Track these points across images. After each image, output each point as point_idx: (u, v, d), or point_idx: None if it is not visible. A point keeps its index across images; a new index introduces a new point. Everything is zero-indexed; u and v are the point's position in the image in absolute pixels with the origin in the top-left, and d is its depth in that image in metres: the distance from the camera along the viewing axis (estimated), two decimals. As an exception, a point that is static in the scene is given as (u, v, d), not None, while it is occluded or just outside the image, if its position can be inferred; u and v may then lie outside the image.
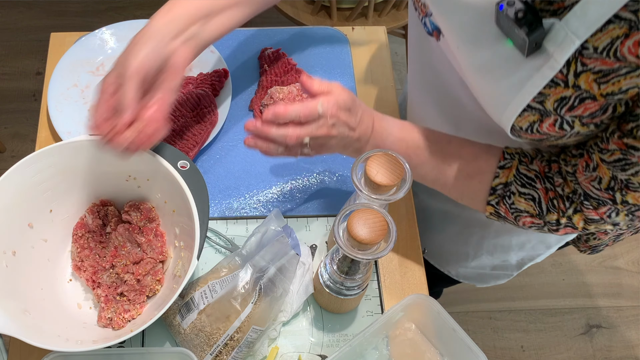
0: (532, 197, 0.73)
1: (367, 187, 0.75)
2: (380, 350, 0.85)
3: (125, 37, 1.08)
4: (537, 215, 0.73)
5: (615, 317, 1.90)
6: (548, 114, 0.64)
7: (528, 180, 0.73)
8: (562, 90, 0.61)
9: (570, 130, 0.65)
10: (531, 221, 0.74)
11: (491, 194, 0.75)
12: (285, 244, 0.80)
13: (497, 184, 0.75)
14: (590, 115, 0.62)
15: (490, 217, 0.78)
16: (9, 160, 2.04)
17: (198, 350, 0.79)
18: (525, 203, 0.73)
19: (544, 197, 0.72)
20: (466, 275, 1.23)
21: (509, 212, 0.75)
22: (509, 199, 0.74)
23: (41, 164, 0.82)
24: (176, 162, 0.82)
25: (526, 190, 0.73)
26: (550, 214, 0.72)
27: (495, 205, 0.76)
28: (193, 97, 0.99)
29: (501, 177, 0.75)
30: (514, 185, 0.74)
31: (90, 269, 0.84)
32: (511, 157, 0.75)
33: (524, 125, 0.67)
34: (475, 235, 1.07)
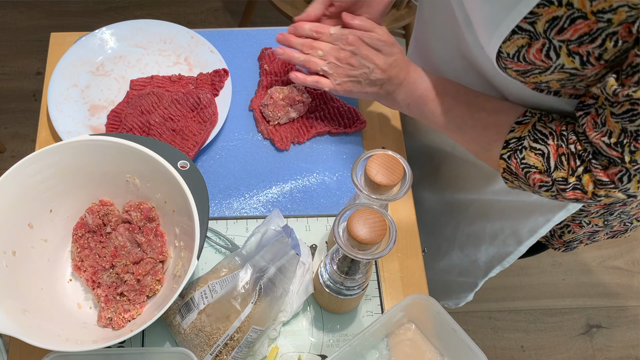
0: (542, 153, 0.73)
1: (367, 187, 0.75)
2: (380, 350, 0.85)
3: (125, 37, 1.09)
4: (545, 171, 0.72)
5: (615, 317, 1.89)
6: (537, 37, 0.64)
7: (541, 135, 0.73)
8: (555, 10, 0.61)
9: (555, 60, 0.65)
10: (540, 179, 0.73)
11: (504, 147, 0.76)
12: (285, 244, 0.80)
13: (510, 138, 0.75)
14: (578, 40, 0.62)
15: (504, 175, 0.77)
16: (9, 160, 2.04)
17: (198, 350, 0.79)
18: (535, 158, 0.73)
19: (553, 153, 0.72)
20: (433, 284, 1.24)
21: (520, 168, 0.74)
22: (520, 153, 0.74)
23: (41, 164, 0.82)
24: (176, 162, 0.82)
25: (537, 145, 0.73)
26: (557, 171, 0.72)
27: (507, 159, 0.75)
28: (193, 97, 0.99)
29: (516, 131, 0.75)
30: (526, 140, 0.74)
31: (90, 269, 0.84)
32: (532, 115, 0.75)
33: (511, 50, 0.67)
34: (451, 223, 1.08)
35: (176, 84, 1.04)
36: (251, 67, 1.10)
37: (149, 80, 1.04)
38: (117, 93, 1.04)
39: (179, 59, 1.09)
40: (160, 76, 1.05)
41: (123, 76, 1.06)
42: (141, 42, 1.10)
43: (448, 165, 1.04)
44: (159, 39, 1.10)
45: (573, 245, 1.03)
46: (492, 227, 1.04)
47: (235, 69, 1.08)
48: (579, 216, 0.95)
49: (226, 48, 1.11)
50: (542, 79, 0.69)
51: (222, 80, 1.04)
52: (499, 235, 1.04)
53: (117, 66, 1.07)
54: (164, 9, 2.38)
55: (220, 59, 1.07)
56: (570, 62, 0.64)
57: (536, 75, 0.69)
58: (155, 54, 1.09)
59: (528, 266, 1.96)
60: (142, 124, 0.97)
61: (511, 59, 0.68)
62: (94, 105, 1.03)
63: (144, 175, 0.86)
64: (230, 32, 1.14)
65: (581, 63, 0.64)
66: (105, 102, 1.03)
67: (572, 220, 0.97)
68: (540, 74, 0.68)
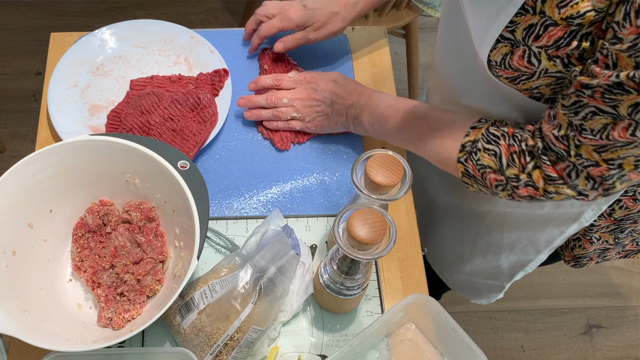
0: (494, 152, 0.76)
1: (367, 187, 0.75)
2: (380, 350, 0.85)
3: (125, 37, 1.09)
4: (498, 170, 0.75)
5: (615, 317, 1.89)
6: (517, 44, 0.67)
7: (494, 137, 0.76)
8: (530, 18, 0.64)
9: (537, 65, 0.67)
10: (495, 178, 0.76)
11: (461, 150, 0.79)
12: (285, 244, 0.80)
13: (466, 142, 0.79)
14: (555, 45, 0.64)
15: (464, 179, 0.80)
16: (9, 160, 2.04)
17: (198, 350, 0.79)
18: (489, 158, 0.76)
19: (505, 152, 0.75)
20: (461, 284, 1.24)
21: (476, 169, 0.77)
22: (475, 155, 0.77)
23: (41, 164, 0.82)
24: (176, 162, 0.82)
25: (490, 146, 0.76)
26: (509, 168, 0.74)
27: (464, 162, 0.79)
28: (193, 97, 0.99)
29: (471, 135, 0.78)
30: (480, 142, 0.77)
31: (90, 269, 0.84)
32: (485, 121, 0.79)
33: (498, 58, 0.70)
34: (471, 230, 1.08)
35: (176, 84, 1.04)
36: (251, 67, 1.10)
37: (149, 80, 1.04)
38: (117, 93, 1.05)
39: (179, 59, 1.09)
40: (160, 76, 1.05)
41: (123, 76, 1.06)
42: (141, 42, 1.10)
43: None
44: (159, 39, 1.10)
45: (583, 262, 1.03)
46: (509, 237, 1.04)
47: (235, 69, 1.08)
48: (590, 232, 0.95)
49: (226, 48, 1.11)
50: (532, 85, 0.71)
51: (222, 80, 1.04)
52: (516, 245, 1.05)
53: (117, 66, 1.07)
54: (164, 9, 2.38)
55: (220, 59, 1.07)
56: (553, 66, 0.66)
57: (525, 82, 0.71)
58: (155, 54, 1.09)
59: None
60: (142, 124, 0.97)
61: (499, 66, 0.71)
62: (94, 105, 1.03)
63: (144, 175, 0.86)
64: (230, 32, 1.14)
65: (563, 65, 0.65)
66: (105, 102, 1.03)
67: (583, 235, 0.97)
68: (528, 80, 0.70)
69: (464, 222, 1.10)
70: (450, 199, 1.10)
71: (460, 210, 1.09)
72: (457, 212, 1.10)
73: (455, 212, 1.10)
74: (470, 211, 1.06)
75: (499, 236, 1.05)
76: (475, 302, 1.29)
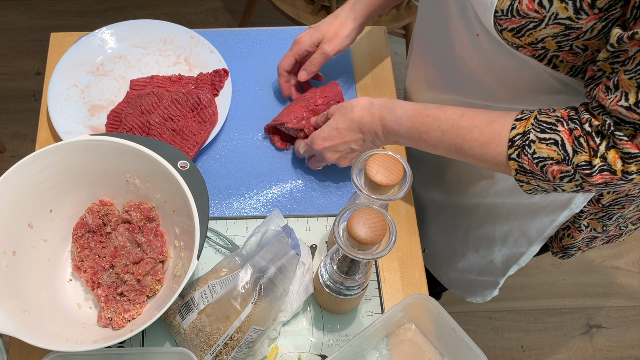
0: (554, 141, 0.68)
1: (367, 187, 0.75)
2: (380, 350, 0.85)
3: (125, 37, 1.09)
4: (564, 160, 0.67)
5: (615, 317, 1.89)
6: None
7: (548, 125, 0.68)
8: None
9: (548, 9, 0.64)
10: (559, 169, 0.68)
11: (510, 146, 0.71)
12: (285, 244, 0.80)
13: (514, 135, 0.71)
14: None
15: (518, 177, 0.72)
16: (9, 160, 2.04)
17: (198, 350, 0.79)
18: (548, 148, 0.68)
19: (567, 138, 0.67)
20: (456, 282, 1.24)
21: (533, 164, 0.69)
22: (529, 148, 0.69)
23: (41, 164, 0.82)
24: (176, 162, 0.82)
25: (546, 135, 0.68)
26: (578, 155, 0.66)
27: (517, 158, 0.70)
28: (193, 97, 0.99)
29: (518, 127, 0.71)
30: (532, 133, 0.69)
31: (90, 269, 0.84)
32: (530, 111, 0.72)
33: (505, 5, 0.67)
34: (462, 225, 1.09)
35: (176, 84, 1.04)
36: (251, 67, 1.10)
37: (149, 80, 1.04)
38: (117, 93, 1.05)
39: (179, 59, 1.09)
40: (160, 76, 1.05)
41: (123, 76, 1.06)
42: (141, 42, 1.10)
43: (452, 169, 1.05)
44: (159, 39, 1.10)
45: (570, 252, 1.03)
46: (500, 230, 1.04)
47: (235, 69, 1.08)
48: (579, 219, 0.95)
49: (226, 48, 1.11)
50: (537, 36, 0.67)
51: (222, 80, 1.04)
52: (509, 237, 1.04)
53: (117, 66, 1.07)
54: (164, 9, 2.38)
55: (220, 59, 1.07)
56: (564, 10, 0.63)
57: (531, 32, 0.67)
58: (155, 54, 1.09)
59: (528, 266, 1.94)
60: (142, 124, 0.97)
61: (505, 15, 0.67)
62: (94, 105, 1.03)
63: (144, 175, 0.86)
64: (230, 32, 1.14)
65: (575, 11, 0.62)
66: (105, 102, 1.03)
67: (572, 223, 0.97)
68: (535, 29, 0.66)
69: (454, 217, 1.09)
70: (437, 196, 1.10)
71: (450, 206, 1.08)
72: (447, 208, 1.10)
73: (444, 208, 1.10)
74: (460, 206, 1.06)
75: (490, 229, 1.05)
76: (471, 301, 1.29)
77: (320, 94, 0.99)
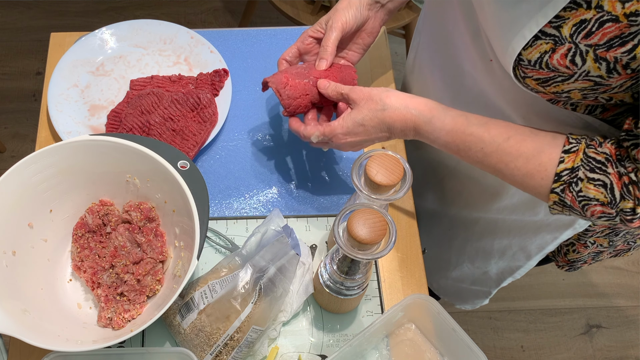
0: (602, 183, 0.65)
1: (367, 187, 0.75)
2: (380, 350, 0.85)
3: (125, 37, 1.09)
4: (609, 203, 0.65)
5: (615, 317, 1.89)
6: (562, 41, 0.61)
7: (598, 164, 0.66)
8: (584, 13, 0.58)
9: (580, 66, 0.62)
10: (601, 210, 0.66)
11: (556, 180, 0.68)
12: (285, 244, 0.80)
13: (562, 170, 0.67)
14: (608, 44, 0.59)
15: (553, 207, 0.70)
16: (9, 160, 2.04)
17: (198, 350, 0.79)
18: (595, 190, 0.66)
19: (617, 183, 0.65)
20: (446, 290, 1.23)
21: (576, 201, 0.67)
22: (575, 185, 0.67)
23: (41, 164, 0.82)
24: (176, 162, 0.82)
25: (596, 175, 0.66)
26: (624, 202, 0.65)
27: (560, 193, 0.68)
28: (193, 97, 0.99)
29: (567, 161, 0.67)
30: (581, 171, 0.66)
31: (90, 269, 0.84)
32: (577, 142, 0.68)
33: (533, 57, 0.64)
34: (459, 237, 1.07)
35: (176, 84, 1.04)
36: (251, 67, 1.10)
37: (149, 80, 1.04)
38: (117, 93, 1.05)
39: (179, 59, 1.09)
40: (160, 76, 1.05)
41: (123, 76, 1.06)
42: (141, 42, 1.10)
43: (452, 181, 1.03)
44: (159, 39, 1.10)
45: (577, 265, 1.01)
46: (499, 244, 1.02)
47: (235, 69, 1.08)
48: (585, 236, 0.93)
49: (226, 48, 1.11)
50: (564, 88, 0.66)
51: (222, 80, 1.04)
52: (507, 251, 1.03)
53: (117, 66, 1.07)
54: (164, 9, 2.38)
55: (220, 59, 1.07)
56: (596, 69, 0.61)
57: (558, 84, 0.65)
58: (155, 54, 1.09)
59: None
60: (142, 124, 0.97)
61: (532, 66, 0.65)
62: (94, 105, 1.03)
63: (144, 175, 0.86)
64: (230, 32, 1.14)
65: (607, 70, 0.61)
66: (105, 102, 1.03)
67: (577, 240, 0.95)
68: (563, 82, 0.65)
69: (451, 229, 1.07)
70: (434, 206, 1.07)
71: (447, 217, 1.06)
72: (443, 219, 1.08)
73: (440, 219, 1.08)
74: (458, 218, 1.04)
75: (489, 243, 1.03)
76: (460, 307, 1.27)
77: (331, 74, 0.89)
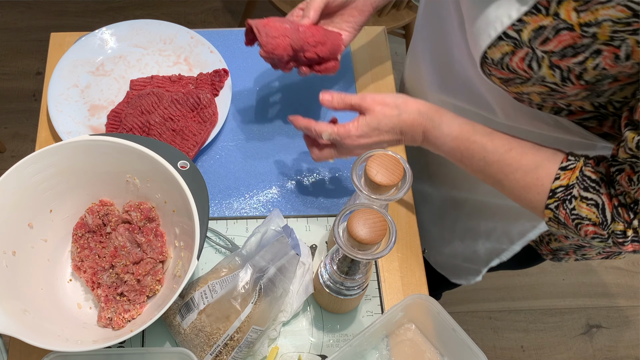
0: (594, 203, 0.66)
1: (367, 187, 0.75)
2: (380, 350, 0.85)
3: (125, 37, 1.09)
4: (600, 224, 0.66)
5: (615, 317, 1.89)
6: (521, 45, 0.64)
7: (592, 183, 0.66)
8: (542, 19, 0.61)
9: (536, 71, 0.64)
10: (593, 231, 0.67)
11: (550, 197, 0.69)
12: (285, 244, 0.80)
13: (557, 187, 0.68)
14: (561, 52, 0.61)
15: (550, 223, 0.71)
16: (9, 160, 2.04)
17: (198, 350, 0.79)
18: (587, 209, 0.66)
19: (608, 204, 0.65)
20: (442, 265, 1.26)
21: (569, 219, 0.68)
22: (569, 203, 0.67)
23: (41, 164, 0.82)
24: (176, 162, 0.82)
25: (589, 194, 0.66)
26: (615, 224, 0.65)
27: (554, 209, 0.69)
28: (193, 97, 0.99)
29: (562, 178, 0.68)
30: (575, 189, 0.67)
31: (90, 269, 0.84)
32: (576, 160, 0.69)
33: (496, 56, 0.67)
34: (450, 216, 1.10)
35: (176, 84, 1.04)
36: (251, 67, 1.09)
37: (149, 80, 1.04)
38: (117, 93, 1.05)
39: (179, 59, 1.09)
40: (160, 76, 1.05)
41: (123, 76, 1.06)
42: (141, 42, 1.10)
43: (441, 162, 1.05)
44: (159, 39, 1.10)
45: (560, 255, 1.02)
46: (486, 226, 1.05)
47: (235, 69, 1.08)
48: None
49: (226, 48, 1.11)
50: (524, 90, 0.68)
51: (222, 80, 1.04)
52: (492, 234, 1.05)
53: (117, 66, 1.07)
54: (164, 9, 2.38)
55: (220, 59, 1.07)
56: (551, 76, 0.63)
57: (518, 85, 0.68)
58: (155, 54, 1.09)
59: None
60: (142, 124, 0.97)
61: (495, 65, 0.68)
62: (94, 105, 1.03)
63: (144, 175, 0.86)
64: (230, 32, 1.14)
65: (561, 79, 0.63)
66: (105, 102, 1.03)
67: None
68: (522, 84, 0.67)
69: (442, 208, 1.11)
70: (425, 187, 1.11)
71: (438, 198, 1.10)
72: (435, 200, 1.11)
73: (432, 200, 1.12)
74: (449, 199, 1.07)
75: (476, 223, 1.06)
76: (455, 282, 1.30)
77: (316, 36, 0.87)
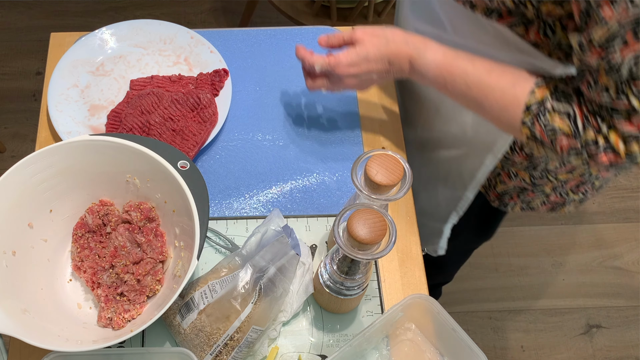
0: (567, 114, 0.68)
1: (367, 187, 0.75)
2: (380, 350, 0.85)
3: (125, 37, 1.09)
4: (573, 134, 0.68)
5: (615, 317, 1.89)
6: None
7: (565, 95, 0.69)
8: None
9: None
10: (568, 144, 0.69)
11: (525, 111, 0.71)
12: (285, 244, 0.80)
13: (531, 102, 0.71)
14: None
15: (528, 142, 0.74)
16: (9, 160, 2.04)
17: (198, 350, 0.79)
18: (560, 120, 0.68)
19: (579, 113, 0.67)
20: None
21: (544, 134, 0.70)
22: (543, 116, 0.70)
23: (41, 164, 0.82)
24: (176, 162, 0.82)
25: (562, 105, 0.68)
26: (587, 132, 0.67)
27: (530, 125, 0.71)
28: (193, 97, 0.99)
29: (537, 93, 0.71)
30: (549, 101, 0.69)
31: (90, 269, 0.84)
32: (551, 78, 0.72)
33: None
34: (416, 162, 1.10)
35: (176, 84, 1.04)
36: (251, 67, 1.10)
37: (149, 80, 1.04)
38: (117, 93, 1.05)
39: (179, 59, 1.09)
40: (160, 76, 1.05)
41: (123, 76, 1.06)
42: (141, 42, 1.10)
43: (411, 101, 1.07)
44: (159, 39, 1.10)
45: (505, 200, 1.04)
46: (442, 167, 1.06)
47: (235, 69, 1.08)
48: (507, 164, 0.96)
49: (226, 48, 1.11)
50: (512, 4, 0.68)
51: (222, 80, 1.04)
52: (448, 178, 1.07)
53: (117, 66, 1.07)
54: (164, 9, 2.38)
55: (220, 59, 1.07)
56: None
57: None
58: (155, 54, 1.09)
59: (528, 266, 1.96)
60: (142, 124, 0.97)
61: None
62: (94, 105, 1.03)
63: (144, 175, 0.86)
64: (230, 32, 1.14)
65: None
66: (105, 102, 1.03)
67: (502, 169, 0.98)
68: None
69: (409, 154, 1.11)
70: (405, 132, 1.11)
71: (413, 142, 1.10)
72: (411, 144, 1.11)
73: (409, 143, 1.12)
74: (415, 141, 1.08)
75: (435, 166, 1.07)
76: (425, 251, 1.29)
77: None
